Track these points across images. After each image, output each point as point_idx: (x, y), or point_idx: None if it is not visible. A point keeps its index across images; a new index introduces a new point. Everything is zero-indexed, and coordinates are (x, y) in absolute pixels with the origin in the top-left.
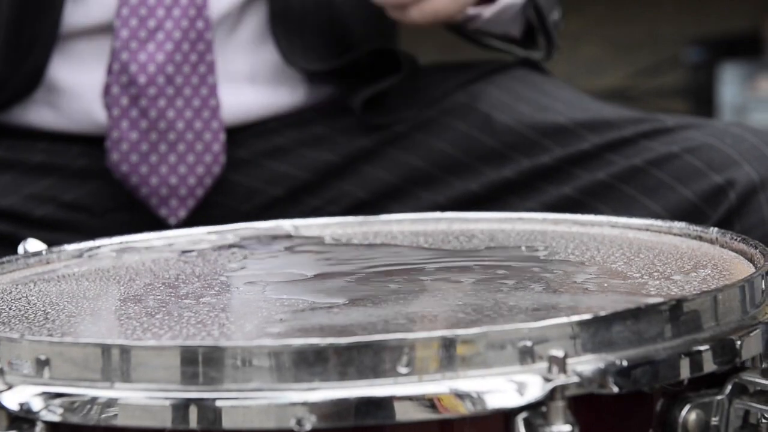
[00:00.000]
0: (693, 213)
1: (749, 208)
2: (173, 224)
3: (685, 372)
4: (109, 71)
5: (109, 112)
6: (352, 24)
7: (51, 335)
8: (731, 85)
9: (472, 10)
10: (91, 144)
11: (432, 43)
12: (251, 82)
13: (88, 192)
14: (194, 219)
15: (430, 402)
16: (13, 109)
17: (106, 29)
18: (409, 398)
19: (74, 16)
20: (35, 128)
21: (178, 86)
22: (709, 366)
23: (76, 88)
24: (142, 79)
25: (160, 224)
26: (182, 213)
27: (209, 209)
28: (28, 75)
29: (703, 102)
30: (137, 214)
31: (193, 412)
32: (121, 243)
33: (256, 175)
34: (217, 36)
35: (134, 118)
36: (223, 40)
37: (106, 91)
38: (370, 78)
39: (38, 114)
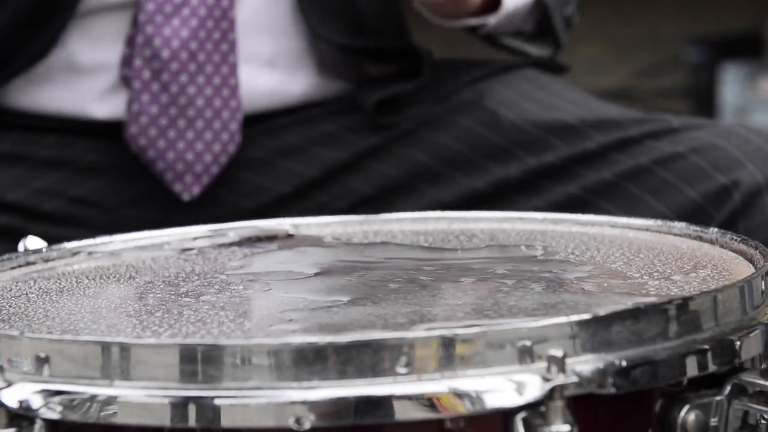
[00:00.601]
0: (697, 213)
1: (754, 208)
2: (186, 200)
3: (684, 372)
4: (131, 44)
5: (130, 85)
6: (367, 12)
7: (51, 333)
8: (732, 85)
9: (475, 21)
10: (100, 138)
11: (437, 38)
12: (269, 67)
13: (96, 187)
14: (207, 200)
15: (429, 401)
16: (30, 90)
17: (127, 5)
18: (408, 397)
19: None
20: (49, 113)
21: (201, 63)
22: (708, 366)
23: (96, 67)
24: (165, 54)
25: (167, 222)
26: (196, 189)
27: (217, 206)
28: (41, 45)
29: (704, 102)
30: (145, 210)
31: (192, 410)
32: (122, 241)
33: (266, 173)
34: (240, 17)
35: (155, 92)
36: (246, 21)
37: (127, 63)
38: (387, 73)
39: (53, 95)
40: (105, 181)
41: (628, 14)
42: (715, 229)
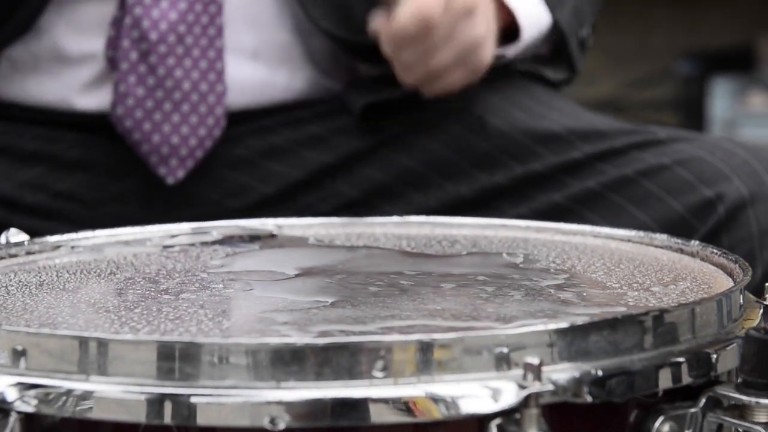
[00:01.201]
0: (681, 225)
1: (737, 222)
2: (171, 183)
3: (660, 384)
4: (116, 25)
5: (117, 66)
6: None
7: (28, 326)
8: (722, 99)
9: (495, 51)
10: (85, 133)
11: None
12: (253, 59)
13: (80, 183)
14: (191, 198)
15: (405, 405)
16: (16, 79)
17: None
18: (384, 400)
19: None
20: (35, 104)
21: (188, 46)
22: (684, 378)
23: (82, 56)
24: (153, 36)
25: (149, 219)
26: (180, 173)
27: (200, 205)
28: (18, 24)
29: (694, 115)
30: (128, 207)
31: (167, 407)
32: (105, 236)
33: (250, 173)
34: (226, 7)
35: (142, 73)
36: (231, 12)
37: (112, 45)
38: (376, 74)
39: (39, 86)
40: (89, 177)
41: (620, 25)
42: (697, 242)
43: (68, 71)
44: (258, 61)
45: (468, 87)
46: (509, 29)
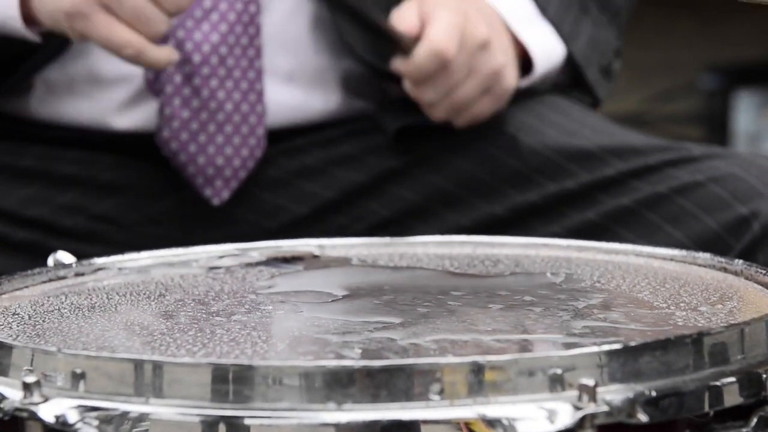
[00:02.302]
0: (716, 242)
1: None
2: (216, 204)
3: (711, 404)
4: None
5: (162, 89)
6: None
7: (86, 349)
8: (746, 112)
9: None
10: (121, 155)
11: None
12: (288, 82)
13: (117, 205)
14: (227, 218)
15: (460, 427)
16: (52, 102)
17: None
18: (439, 422)
19: None
20: (71, 125)
21: (230, 68)
22: (735, 399)
23: (117, 78)
24: (197, 58)
25: (187, 240)
26: (225, 194)
27: (236, 226)
28: (54, 47)
29: (718, 129)
30: (165, 228)
31: (222, 429)
32: (150, 257)
33: (284, 194)
34: (264, 30)
35: (186, 96)
36: (267, 35)
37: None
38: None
39: (74, 107)
40: (126, 199)
41: (643, 40)
42: (741, 261)
43: (104, 92)
44: (293, 84)
45: (497, 113)
46: (523, 62)
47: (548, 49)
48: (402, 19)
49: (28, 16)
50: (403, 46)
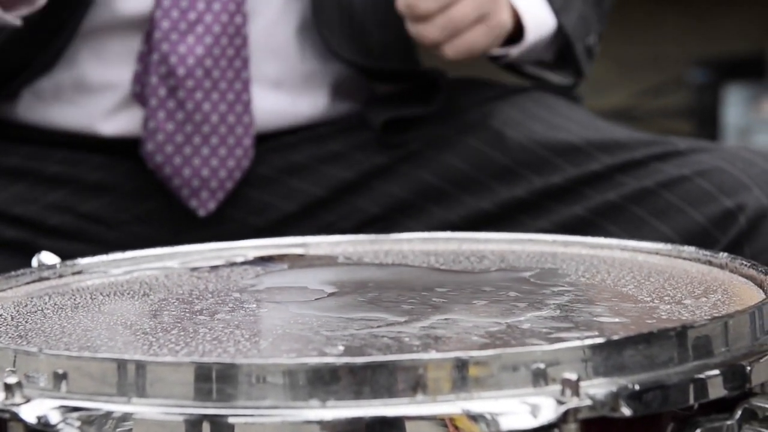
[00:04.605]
0: (703, 236)
1: (759, 232)
2: (202, 216)
3: (696, 396)
4: (143, 60)
5: (146, 102)
6: (375, 33)
7: (68, 349)
8: (735, 106)
9: (498, 51)
10: (108, 155)
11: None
12: (275, 88)
13: (104, 204)
14: (215, 217)
15: (444, 423)
16: (39, 107)
17: (137, 24)
18: (423, 418)
19: (112, 5)
20: (58, 129)
21: (215, 80)
22: (719, 391)
23: (104, 85)
24: (181, 71)
25: (175, 239)
26: (212, 206)
27: (223, 224)
28: (47, 60)
29: (707, 123)
30: (153, 228)
31: (206, 428)
32: (134, 257)
33: (272, 191)
34: (250, 39)
35: (171, 109)
36: (254, 43)
37: (139, 80)
38: (396, 91)
39: (61, 113)
40: (113, 198)
41: (631, 35)
42: (725, 254)
43: (90, 99)
44: (281, 90)
45: (486, 50)
46: (514, 30)
47: (540, 19)
48: None
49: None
50: None
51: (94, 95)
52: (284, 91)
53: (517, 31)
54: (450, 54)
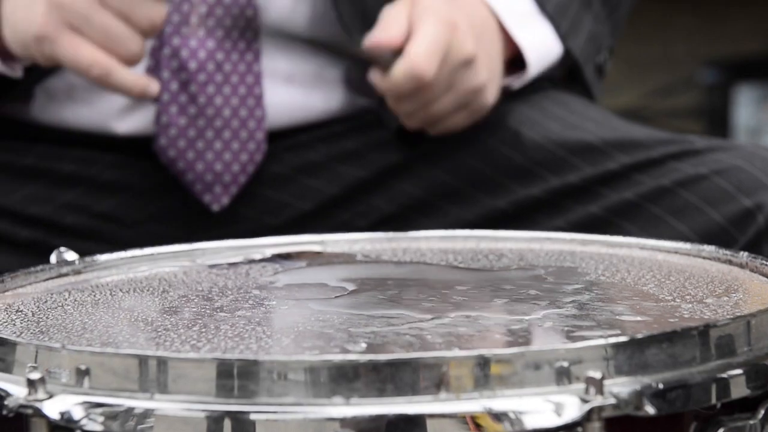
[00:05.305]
0: (721, 235)
1: None
2: (216, 210)
3: (718, 396)
4: (155, 56)
5: (158, 97)
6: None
7: (90, 345)
8: (746, 106)
9: (502, 82)
10: (122, 154)
11: None
12: (288, 83)
13: (119, 203)
14: (230, 216)
15: (467, 421)
16: (52, 107)
17: None
18: (446, 416)
19: None
20: (72, 129)
21: (227, 73)
22: (742, 390)
23: None
24: (192, 65)
25: (189, 238)
26: (225, 200)
27: (239, 223)
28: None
29: (718, 123)
30: (167, 226)
31: (227, 424)
32: (152, 254)
33: (287, 190)
34: (262, 33)
35: (183, 103)
36: (266, 38)
37: (152, 75)
38: None
39: (75, 113)
40: (127, 197)
41: (642, 35)
42: (745, 253)
43: (103, 98)
44: (293, 85)
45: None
46: (517, 58)
47: (544, 49)
48: (388, 27)
49: (3, 52)
50: (383, 62)
51: (106, 93)
52: (297, 86)
53: (520, 58)
54: (432, 133)
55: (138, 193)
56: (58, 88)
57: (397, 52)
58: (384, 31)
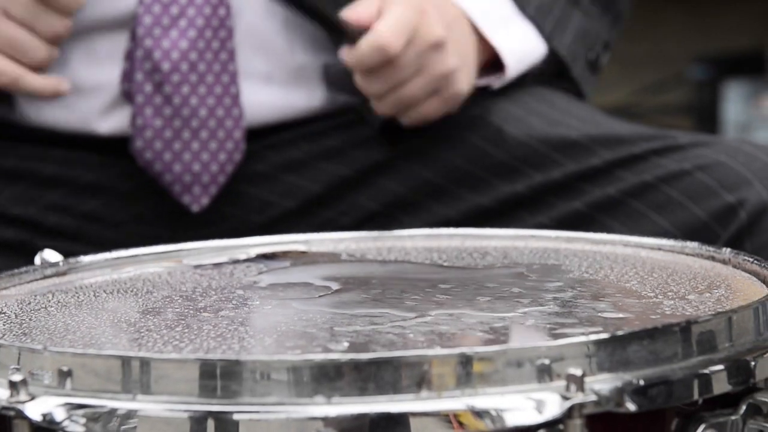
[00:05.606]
0: (703, 231)
1: (760, 227)
2: (196, 211)
3: (700, 392)
4: (130, 58)
5: (133, 99)
6: None
7: (73, 346)
8: (735, 102)
9: (480, 82)
10: (106, 154)
11: None
12: (266, 82)
13: (102, 203)
14: (214, 215)
15: (449, 419)
16: (33, 109)
17: (125, 22)
18: (428, 414)
19: (97, 4)
20: (55, 129)
21: (201, 73)
22: (723, 386)
23: (97, 85)
24: (165, 66)
25: (174, 238)
26: (205, 201)
27: (223, 222)
28: None
29: (707, 119)
30: (152, 226)
31: (210, 424)
32: (136, 255)
33: (271, 188)
34: (237, 32)
35: (158, 104)
36: (241, 38)
37: (127, 77)
38: None
39: (56, 114)
40: (111, 198)
41: (632, 32)
42: (728, 250)
43: (83, 99)
44: (273, 84)
45: (448, 114)
46: (497, 60)
47: (524, 50)
48: (357, 10)
49: None
50: (352, 37)
51: (86, 96)
52: (276, 85)
53: (500, 61)
54: (405, 122)
55: (122, 194)
56: None
57: (364, 30)
58: (354, 12)
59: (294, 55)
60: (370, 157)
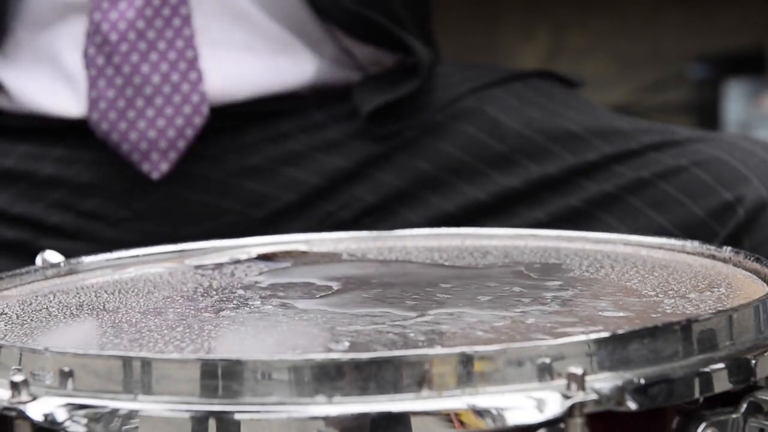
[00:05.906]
0: (701, 228)
1: (758, 224)
2: (156, 178)
3: (701, 390)
4: (88, 34)
5: (87, 73)
6: None
7: (74, 347)
8: (736, 101)
9: None
10: (101, 153)
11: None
12: (248, 52)
13: (102, 201)
14: (215, 211)
15: (449, 418)
16: (30, 94)
17: (83, 6)
18: (429, 413)
19: None
20: (54, 116)
21: (151, 41)
22: (724, 385)
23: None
24: (113, 37)
25: (175, 233)
26: (164, 167)
27: (224, 217)
28: None
29: (708, 118)
30: (153, 223)
31: (212, 424)
32: (137, 255)
33: (270, 182)
34: (204, 3)
35: (110, 76)
36: (218, 8)
37: (85, 53)
38: (385, 71)
39: (55, 98)
40: (111, 196)
41: (632, 31)
42: (729, 248)
43: (77, 84)
44: (255, 54)
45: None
46: None
47: None
48: None
49: None
50: None
51: (79, 80)
52: (258, 54)
53: None
54: None
55: (122, 192)
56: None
57: None
58: None
59: (274, 22)
60: (367, 149)
